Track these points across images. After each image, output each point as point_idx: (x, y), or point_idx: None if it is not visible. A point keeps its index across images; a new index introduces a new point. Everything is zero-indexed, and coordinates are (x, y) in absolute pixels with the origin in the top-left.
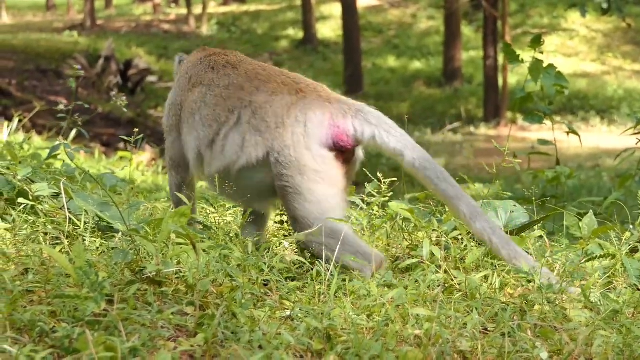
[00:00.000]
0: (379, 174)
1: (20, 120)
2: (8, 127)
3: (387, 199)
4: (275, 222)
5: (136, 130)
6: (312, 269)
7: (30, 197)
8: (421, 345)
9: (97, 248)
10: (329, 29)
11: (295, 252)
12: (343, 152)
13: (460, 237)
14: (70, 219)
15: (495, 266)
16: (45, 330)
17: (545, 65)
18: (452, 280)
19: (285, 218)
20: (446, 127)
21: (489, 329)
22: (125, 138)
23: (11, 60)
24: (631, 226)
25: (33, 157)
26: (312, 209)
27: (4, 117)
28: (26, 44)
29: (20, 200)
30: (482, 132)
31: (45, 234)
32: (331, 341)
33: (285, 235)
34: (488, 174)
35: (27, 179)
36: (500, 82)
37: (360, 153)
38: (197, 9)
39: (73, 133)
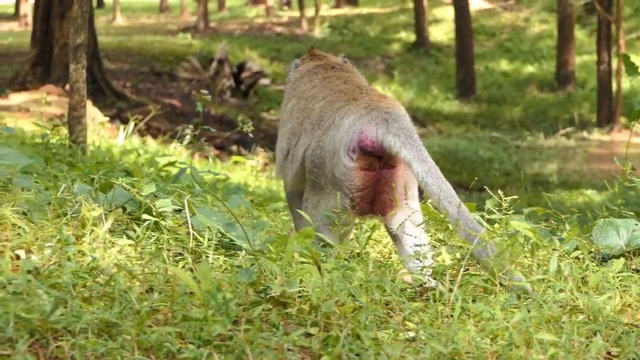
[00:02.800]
0: (500, 192)
1: (135, 124)
2: (124, 130)
3: (509, 216)
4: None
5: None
6: (434, 289)
7: (154, 213)
8: None
9: (220, 266)
10: (441, 32)
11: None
12: (373, 157)
13: (581, 256)
14: (193, 235)
15: (618, 287)
16: (172, 351)
17: None
18: (575, 301)
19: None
20: (559, 132)
21: (612, 353)
22: (245, 159)
23: (126, 63)
24: None
25: (150, 164)
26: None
27: (119, 119)
28: (141, 46)
29: (145, 216)
30: (595, 137)
31: (169, 250)
32: None
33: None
34: (600, 179)
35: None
36: (614, 86)
37: (418, 170)
38: (310, 12)
39: (188, 138)
